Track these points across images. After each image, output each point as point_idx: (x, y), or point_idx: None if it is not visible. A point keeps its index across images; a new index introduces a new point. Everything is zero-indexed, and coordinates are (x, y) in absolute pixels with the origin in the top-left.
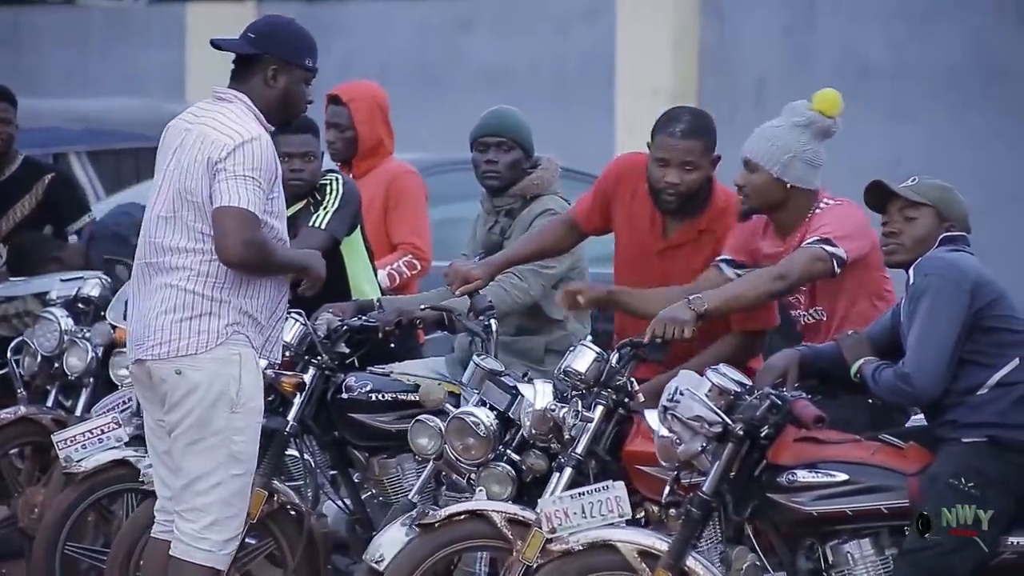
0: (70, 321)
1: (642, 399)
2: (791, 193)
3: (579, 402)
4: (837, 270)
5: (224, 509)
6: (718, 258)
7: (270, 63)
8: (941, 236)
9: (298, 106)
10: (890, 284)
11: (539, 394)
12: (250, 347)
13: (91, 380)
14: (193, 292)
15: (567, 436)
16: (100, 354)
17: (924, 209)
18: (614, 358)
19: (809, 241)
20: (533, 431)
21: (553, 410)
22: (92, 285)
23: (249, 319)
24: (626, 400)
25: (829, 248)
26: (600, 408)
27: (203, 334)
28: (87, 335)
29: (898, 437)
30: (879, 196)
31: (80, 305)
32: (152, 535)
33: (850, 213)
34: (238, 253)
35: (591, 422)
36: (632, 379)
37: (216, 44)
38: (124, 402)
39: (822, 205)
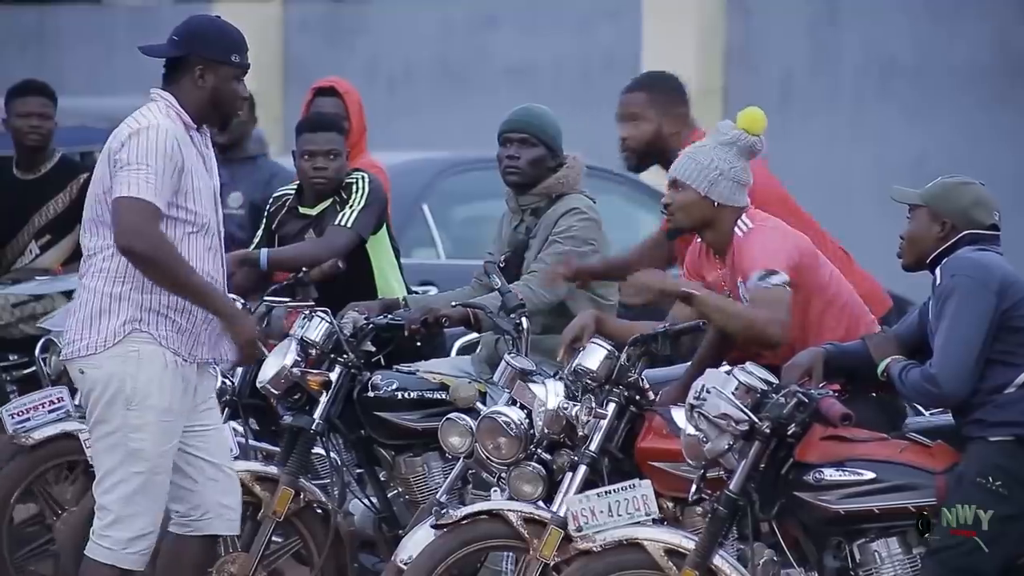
0: None
1: (651, 396)
2: (718, 212)
3: (592, 400)
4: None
5: (125, 507)
6: None
7: (196, 63)
8: (961, 235)
9: (232, 104)
10: (829, 276)
11: (551, 393)
12: (155, 344)
13: None
14: (94, 290)
15: (581, 434)
16: None
17: (917, 210)
18: (625, 355)
19: (754, 282)
20: (546, 430)
21: (566, 408)
22: None
23: (156, 316)
24: (637, 397)
25: (775, 280)
26: (612, 405)
27: (101, 332)
28: None
29: (925, 435)
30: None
31: None
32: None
33: (768, 233)
34: (130, 243)
35: (604, 419)
36: (643, 376)
37: (143, 51)
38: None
39: (739, 229)
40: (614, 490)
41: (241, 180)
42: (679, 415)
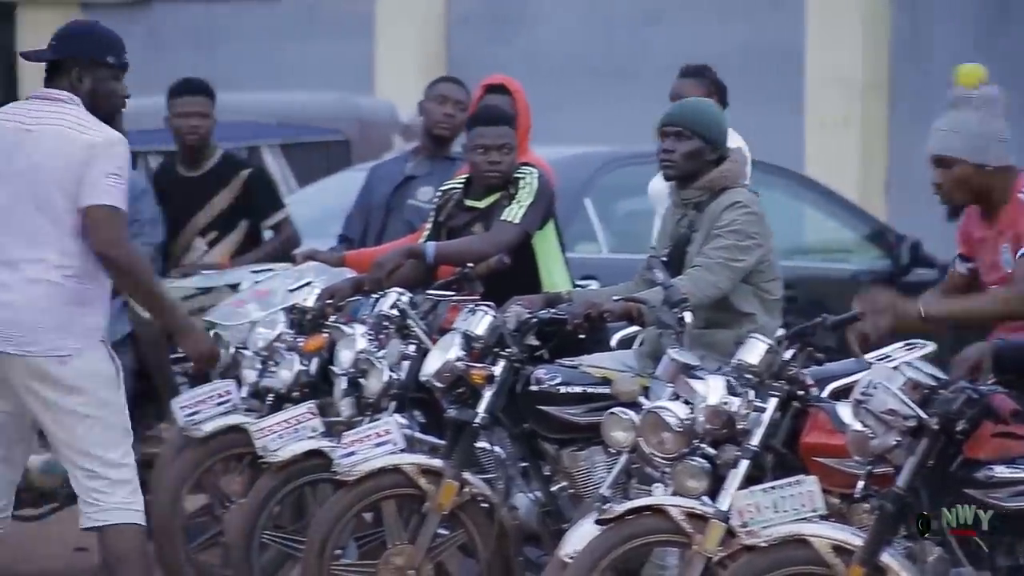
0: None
1: (815, 391)
2: (994, 176)
3: (750, 393)
4: None
5: (135, 473)
6: (956, 254)
7: (72, 65)
8: None
9: (109, 103)
10: None
11: (712, 389)
12: None
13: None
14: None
15: (740, 428)
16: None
17: None
18: (787, 350)
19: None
20: (707, 426)
21: (726, 403)
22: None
23: None
24: (800, 392)
25: None
26: (773, 400)
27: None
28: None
29: None
30: None
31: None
32: None
33: None
34: (117, 251)
35: (763, 413)
36: (804, 371)
37: (26, 56)
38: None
39: (1022, 193)
40: (779, 486)
41: (436, 175)
42: (845, 411)
